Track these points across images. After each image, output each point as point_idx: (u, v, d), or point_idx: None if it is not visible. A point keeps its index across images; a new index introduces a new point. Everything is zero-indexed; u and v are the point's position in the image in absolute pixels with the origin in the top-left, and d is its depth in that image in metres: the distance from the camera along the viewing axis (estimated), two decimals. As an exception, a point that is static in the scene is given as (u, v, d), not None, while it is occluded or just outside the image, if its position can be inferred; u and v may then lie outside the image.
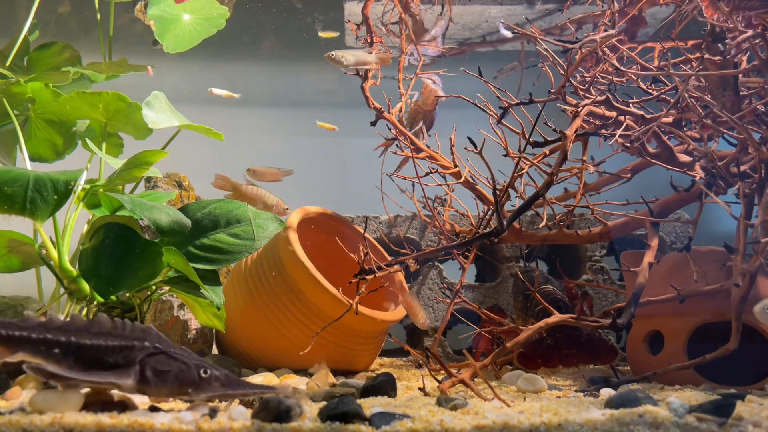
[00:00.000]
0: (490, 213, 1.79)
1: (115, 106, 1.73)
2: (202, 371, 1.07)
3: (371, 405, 1.12)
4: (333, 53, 1.86)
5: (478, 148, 1.54)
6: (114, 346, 1.07)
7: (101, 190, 1.53)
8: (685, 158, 1.65)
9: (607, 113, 1.64)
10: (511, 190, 1.57)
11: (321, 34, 2.34)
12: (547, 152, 1.60)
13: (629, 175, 1.82)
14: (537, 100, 1.53)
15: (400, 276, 1.96)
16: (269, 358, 1.77)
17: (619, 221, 1.77)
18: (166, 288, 1.55)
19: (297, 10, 2.46)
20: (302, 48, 2.71)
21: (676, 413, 0.99)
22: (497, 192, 1.41)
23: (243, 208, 1.60)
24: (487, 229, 1.40)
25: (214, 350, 1.92)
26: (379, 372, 1.65)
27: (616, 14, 1.71)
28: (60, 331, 1.06)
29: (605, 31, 1.58)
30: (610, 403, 1.09)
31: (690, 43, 1.77)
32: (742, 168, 1.49)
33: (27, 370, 1.01)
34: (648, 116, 1.61)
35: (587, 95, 1.64)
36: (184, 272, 1.45)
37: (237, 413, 0.98)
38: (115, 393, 1.09)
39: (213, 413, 1.00)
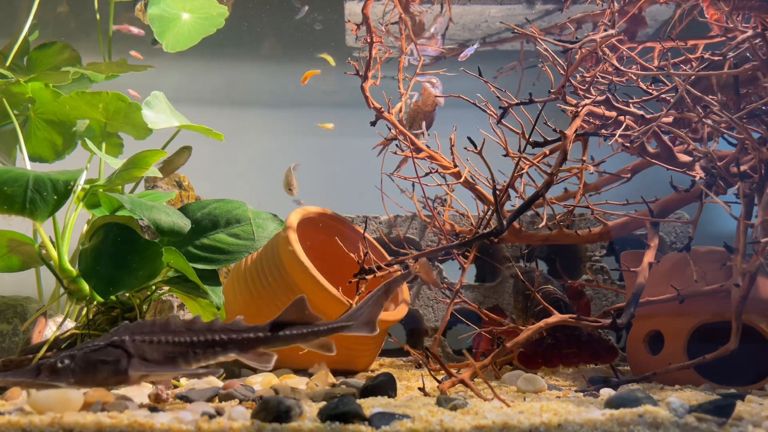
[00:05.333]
0: (490, 213, 1.79)
1: (115, 106, 1.73)
2: None
3: (371, 405, 1.12)
4: None
5: (478, 148, 1.54)
6: None
7: (101, 190, 1.53)
8: (685, 158, 1.65)
9: (607, 113, 1.63)
10: (511, 190, 1.57)
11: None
12: (547, 152, 1.59)
13: (629, 175, 1.82)
14: (537, 100, 1.53)
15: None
16: (269, 358, 1.76)
17: (619, 221, 1.77)
18: (166, 288, 1.55)
19: (297, 10, 2.45)
20: (302, 48, 2.71)
21: (676, 413, 0.99)
22: (497, 192, 1.41)
23: (243, 208, 1.60)
24: (487, 229, 1.40)
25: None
26: (379, 372, 1.65)
27: (616, 14, 1.71)
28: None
29: (605, 30, 1.58)
30: (610, 403, 1.09)
31: (690, 42, 1.77)
32: (742, 168, 1.49)
33: None
34: (648, 116, 1.61)
35: (587, 95, 1.64)
36: (183, 272, 1.45)
37: (237, 413, 0.98)
38: (115, 392, 1.09)
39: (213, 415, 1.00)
